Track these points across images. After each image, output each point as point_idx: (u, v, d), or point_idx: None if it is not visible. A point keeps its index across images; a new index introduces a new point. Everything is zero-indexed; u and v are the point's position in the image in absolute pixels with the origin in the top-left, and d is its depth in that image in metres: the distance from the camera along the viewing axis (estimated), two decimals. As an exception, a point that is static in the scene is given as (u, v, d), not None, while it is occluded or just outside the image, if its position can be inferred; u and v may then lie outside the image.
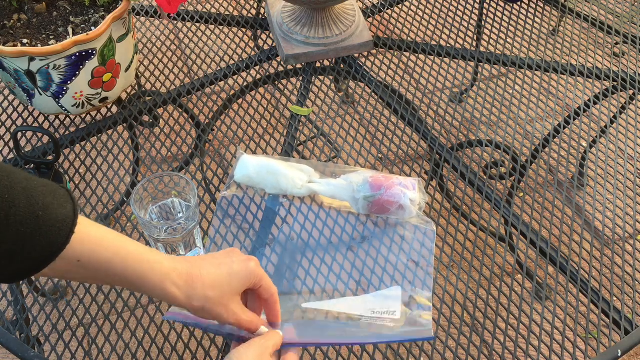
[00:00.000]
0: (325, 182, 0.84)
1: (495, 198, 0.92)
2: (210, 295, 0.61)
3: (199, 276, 0.61)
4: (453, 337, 0.77)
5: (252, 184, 0.86)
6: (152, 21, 1.19)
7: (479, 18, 1.24)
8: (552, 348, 0.77)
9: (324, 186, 0.84)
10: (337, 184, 0.84)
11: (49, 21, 0.95)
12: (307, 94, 1.04)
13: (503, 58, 1.11)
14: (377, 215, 0.84)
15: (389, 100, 1.03)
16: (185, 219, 0.75)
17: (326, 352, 0.77)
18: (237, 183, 0.87)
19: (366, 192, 0.82)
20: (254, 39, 1.50)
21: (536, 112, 1.04)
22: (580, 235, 0.88)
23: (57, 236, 0.52)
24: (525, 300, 0.81)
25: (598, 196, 0.93)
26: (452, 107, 1.04)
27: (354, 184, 0.83)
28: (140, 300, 0.81)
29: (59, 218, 0.52)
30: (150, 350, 0.76)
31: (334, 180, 0.85)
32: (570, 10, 1.22)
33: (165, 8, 0.94)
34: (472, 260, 0.85)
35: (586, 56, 1.13)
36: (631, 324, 0.79)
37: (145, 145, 1.01)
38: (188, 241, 0.79)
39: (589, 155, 1.12)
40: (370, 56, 1.11)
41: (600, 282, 0.83)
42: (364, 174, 0.84)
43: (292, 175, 0.84)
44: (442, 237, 0.86)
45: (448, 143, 1.01)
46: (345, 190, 0.83)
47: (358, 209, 0.84)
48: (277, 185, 0.84)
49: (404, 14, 1.20)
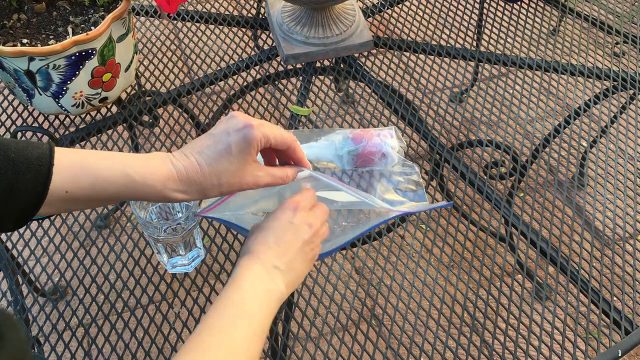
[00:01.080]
0: (308, 146, 0.87)
1: (495, 198, 0.92)
2: (218, 182, 0.60)
3: (198, 171, 0.59)
4: (453, 337, 0.77)
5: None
6: (152, 21, 1.19)
7: (479, 18, 1.24)
8: (552, 348, 0.76)
9: (307, 149, 0.87)
10: (320, 145, 0.87)
11: (49, 21, 0.95)
12: (307, 93, 1.04)
13: (503, 58, 1.11)
14: (362, 168, 0.88)
15: (389, 100, 1.03)
16: (185, 219, 0.75)
17: (326, 352, 0.77)
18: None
19: (349, 147, 0.86)
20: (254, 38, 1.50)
21: (536, 112, 1.04)
22: (580, 235, 0.88)
23: (38, 172, 0.55)
24: (526, 300, 0.81)
25: (598, 196, 0.93)
26: (452, 107, 1.04)
27: (335, 142, 0.87)
28: (140, 300, 0.81)
29: (34, 156, 0.55)
30: (150, 351, 0.76)
31: (315, 143, 0.88)
32: (571, 10, 1.22)
33: (165, 8, 0.94)
34: (472, 260, 0.85)
35: (586, 56, 1.13)
36: (631, 324, 0.79)
37: (145, 145, 1.01)
38: (188, 241, 0.79)
39: (589, 155, 1.12)
40: (370, 56, 1.11)
41: (601, 282, 0.83)
42: (342, 132, 0.88)
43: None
44: (442, 237, 0.86)
45: (448, 143, 1.01)
46: (328, 150, 0.87)
47: (343, 165, 0.87)
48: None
49: (404, 14, 1.20)
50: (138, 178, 0.58)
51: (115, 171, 0.57)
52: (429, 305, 0.80)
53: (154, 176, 0.58)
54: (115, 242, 0.86)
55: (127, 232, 0.87)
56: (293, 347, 0.80)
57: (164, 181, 0.58)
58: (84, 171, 0.57)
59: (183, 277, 0.84)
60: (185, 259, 0.81)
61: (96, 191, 0.57)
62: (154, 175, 0.58)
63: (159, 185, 0.58)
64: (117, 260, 0.84)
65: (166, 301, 0.81)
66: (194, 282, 0.83)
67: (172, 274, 0.83)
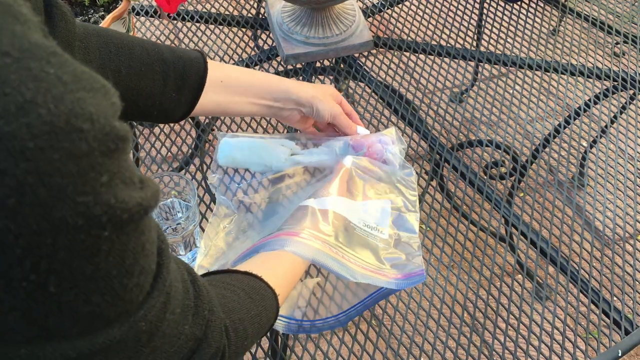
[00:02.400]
0: (308, 152, 0.86)
1: (495, 198, 0.92)
2: (319, 90, 0.83)
3: (304, 82, 0.84)
4: (453, 337, 0.77)
5: (235, 165, 0.86)
6: (152, 21, 1.19)
7: (479, 18, 1.24)
8: (552, 348, 0.76)
9: (308, 156, 0.86)
10: (320, 152, 0.86)
11: (49, 21, 0.95)
12: (307, 93, 1.04)
13: (503, 58, 1.11)
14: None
15: (389, 100, 1.03)
16: (185, 219, 0.75)
17: (326, 352, 0.77)
18: (222, 167, 0.88)
19: (350, 154, 0.84)
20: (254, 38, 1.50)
21: (536, 112, 1.04)
22: (580, 235, 0.88)
23: (198, 65, 0.75)
24: (526, 300, 0.81)
25: (598, 196, 0.93)
26: (452, 107, 1.04)
27: (336, 149, 0.85)
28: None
29: (194, 56, 0.75)
30: (150, 351, 0.76)
31: (316, 149, 0.86)
32: (571, 10, 1.22)
33: (164, 8, 0.94)
34: (472, 260, 0.85)
35: (586, 56, 1.13)
36: (631, 324, 0.79)
37: (145, 145, 1.01)
38: (188, 241, 0.79)
39: (589, 155, 1.12)
40: (370, 56, 1.11)
41: (601, 282, 0.83)
42: (343, 138, 0.86)
43: (276, 150, 0.85)
44: (442, 237, 0.86)
45: (448, 143, 1.01)
46: (328, 156, 0.85)
47: None
48: (261, 161, 0.85)
49: (404, 14, 1.20)
50: (269, 74, 0.84)
51: (253, 70, 0.84)
52: (429, 305, 0.80)
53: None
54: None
55: (127, 232, 0.87)
56: (293, 347, 0.80)
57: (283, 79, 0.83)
58: (230, 66, 0.81)
59: (183, 277, 0.83)
60: (185, 258, 0.81)
61: (245, 79, 0.79)
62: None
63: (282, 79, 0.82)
64: (117, 260, 0.84)
65: (166, 301, 0.81)
66: (194, 282, 0.83)
67: (172, 274, 0.83)
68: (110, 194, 0.33)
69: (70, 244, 0.33)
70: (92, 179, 0.32)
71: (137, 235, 0.37)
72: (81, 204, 0.32)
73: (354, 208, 0.79)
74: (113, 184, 0.34)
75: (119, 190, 0.34)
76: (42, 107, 0.30)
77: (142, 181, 0.38)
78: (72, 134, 0.31)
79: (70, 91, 0.32)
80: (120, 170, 0.34)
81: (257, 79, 0.80)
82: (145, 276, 0.39)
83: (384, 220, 0.79)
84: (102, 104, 0.33)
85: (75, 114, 0.31)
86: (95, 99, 0.33)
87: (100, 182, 0.33)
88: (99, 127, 0.32)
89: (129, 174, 0.35)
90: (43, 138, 0.30)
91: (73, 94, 0.32)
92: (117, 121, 0.34)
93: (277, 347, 0.79)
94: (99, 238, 0.34)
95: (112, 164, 0.34)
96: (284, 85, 0.80)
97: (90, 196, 0.32)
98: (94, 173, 0.32)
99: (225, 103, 0.78)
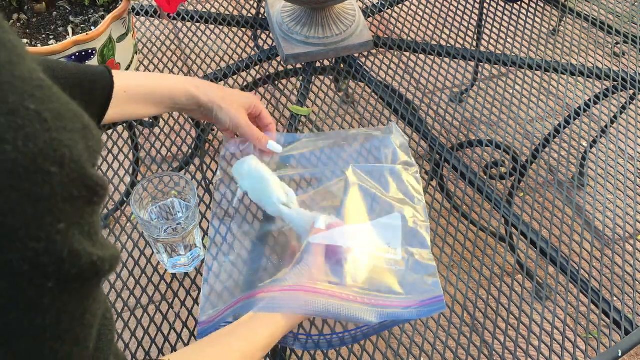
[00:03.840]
0: (296, 212, 0.80)
1: (495, 198, 0.92)
2: (226, 98, 0.83)
3: (215, 84, 0.85)
4: (453, 337, 0.77)
5: (239, 182, 0.85)
6: (152, 21, 1.19)
7: (479, 18, 1.24)
8: (552, 348, 0.76)
9: (289, 215, 0.79)
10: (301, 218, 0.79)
11: (49, 21, 0.95)
12: (307, 93, 1.04)
13: (503, 58, 1.11)
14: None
15: (389, 100, 1.03)
16: (185, 219, 0.75)
17: (326, 352, 0.77)
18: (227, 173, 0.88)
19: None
20: (254, 38, 1.50)
21: (536, 112, 1.04)
22: (580, 235, 0.88)
23: (105, 81, 0.76)
24: (526, 300, 0.81)
25: (598, 196, 0.93)
26: (452, 107, 1.04)
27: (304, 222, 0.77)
28: (140, 300, 0.81)
29: (99, 71, 0.77)
30: (150, 350, 0.76)
31: (303, 212, 0.79)
32: (571, 10, 1.22)
33: (165, 8, 0.94)
34: (472, 260, 0.85)
35: (586, 56, 1.13)
36: (631, 324, 0.79)
37: (145, 145, 1.01)
38: (188, 241, 0.79)
39: (589, 155, 1.12)
40: (370, 56, 1.11)
41: (601, 282, 0.83)
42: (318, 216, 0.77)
43: (276, 194, 0.81)
44: (442, 237, 0.86)
45: (448, 143, 1.01)
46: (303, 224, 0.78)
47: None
48: (256, 196, 0.83)
49: (404, 14, 1.20)
50: (173, 75, 0.86)
51: (154, 75, 0.87)
52: (429, 305, 0.79)
53: (182, 76, 0.87)
54: (115, 242, 0.86)
55: (127, 232, 0.87)
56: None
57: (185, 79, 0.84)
58: (135, 74, 0.85)
59: (183, 277, 0.84)
60: (185, 258, 0.81)
61: (147, 87, 0.80)
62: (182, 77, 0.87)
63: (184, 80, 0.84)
64: (117, 260, 0.84)
65: (166, 301, 0.81)
66: (194, 282, 0.83)
67: (172, 274, 0.83)
68: (65, 243, 0.31)
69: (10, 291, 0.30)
70: (48, 225, 0.30)
71: (80, 297, 0.34)
72: (31, 249, 0.30)
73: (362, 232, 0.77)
74: (70, 233, 0.31)
75: (74, 241, 0.32)
76: (9, 144, 0.28)
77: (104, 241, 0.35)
78: (37, 175, 0.29)
79: (46, 130, 0.30)
80: (81, 221, 0.32)
81: (158, 86, 0.81)
82: (78, 350, 0.35)
83: (396, 238, 0.77)
84: (78, 147, 0.31)
85: (45, 155, 0.29)
86: (72, 140, 0.31)
87: (57, 229, 0.31)
88: (68, 172, 0.30)
89: (91, 229, 0.33)
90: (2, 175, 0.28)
91: (49, 134, 0.30)
92: (92, 169, 0.32)
93: (277, 347, 0.79)
94: (41, 289, 0.31)
95: (74, 212, 0.31)
96: (186, 91, 0.82)
97: (42, 243, 0.30)
98: (51, 218, 0.30)
99: (129, 112, 0.81)
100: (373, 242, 0.76)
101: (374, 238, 0.77)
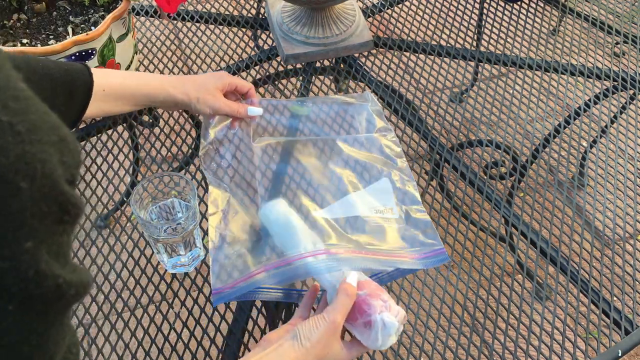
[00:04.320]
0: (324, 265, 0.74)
1: (495, 198, 0.91)
2: (201, 88, 0.86)
3: (187, 77, 0.89)
4: (453, 337, 0.77)
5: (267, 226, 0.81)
6: (152, 21, 1.19)
7: (479, 18, 1.24)
8: (552, 348, 0.76)
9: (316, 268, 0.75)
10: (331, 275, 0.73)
11: (49, 21, 0.95)
12: (307, 94, 1.04)
13: (503, 58, 1.11)
14: None
15: (389, 100, 1.03)
16: (185, 219, 0.75)
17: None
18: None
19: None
20: (254, 38, 1.50)
21: (536, 112, 1.04)
22: (580, 235, 0.88)
23: (85, 78, 0.78)
24: (526, 300, 0.81)
25: (598, 196, 0.93)
26: (452, 107, 1.04)
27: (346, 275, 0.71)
28: (140, 300, 0.81)
29: (79, 69, 0.78)
30: (150, 350, 0.76)
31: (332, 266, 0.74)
32: (571, 10, 1.22)
33: (164, 8, 0.94)
34: (472, 260, 0.85)
35: (586, 56, 1.13)
36: (631, 324, 0.79)
37: (145, 145, 1.01)
38: (188, 241, 0.79)
39: (589, 155, 1.12)
40: (370, 56, 1.11)
41: (601, 282, 0.83)
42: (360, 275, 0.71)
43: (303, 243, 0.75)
44: (442, 237, 0.86)
45: (448, 143, 1.01)
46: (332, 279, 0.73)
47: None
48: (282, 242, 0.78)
49: (404, 14, 1.20)
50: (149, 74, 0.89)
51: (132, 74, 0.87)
52: (429, 305, 0.80)
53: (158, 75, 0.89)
54: (115, 242, 0.86)
55: (127, 232, 0.87)
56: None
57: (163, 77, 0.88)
58: (113, 73, 0.85)
59: (183, 277, 0.84)
60: (185, 258, 0.81)
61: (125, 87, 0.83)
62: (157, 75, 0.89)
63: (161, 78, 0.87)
64: (117, 260, 0.84)
65: (166, 301, 0.81)
66: (194, 282, 0.83)
67: (172, 274, 0.83)
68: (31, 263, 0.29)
69: None
70: (15, 243, 0.28)
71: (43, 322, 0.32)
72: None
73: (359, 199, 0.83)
74: (37, 253, 0.29)
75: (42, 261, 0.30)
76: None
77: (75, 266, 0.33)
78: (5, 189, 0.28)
79: (19, 142, 0.28)
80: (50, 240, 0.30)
81: (136, 86, 0.85)
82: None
83: (389, 199, 0.84)
84: (52, 161, 0.30)
85: (16, 169, 0.28)
86: (46, 153, 0.29)
87: (24, 248, 0.29)
88: (39, 187, 0.29)
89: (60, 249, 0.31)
90: None
91: (21, 147, 0.28)
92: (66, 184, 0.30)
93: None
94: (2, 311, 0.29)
95: (43, 230, 0.30)
96: (164, 91, 0.86)
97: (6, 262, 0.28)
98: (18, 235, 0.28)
99: (108, 108, 0.84)
100: (371, 206, 0.82)
101: (370, 201, 0.83)
